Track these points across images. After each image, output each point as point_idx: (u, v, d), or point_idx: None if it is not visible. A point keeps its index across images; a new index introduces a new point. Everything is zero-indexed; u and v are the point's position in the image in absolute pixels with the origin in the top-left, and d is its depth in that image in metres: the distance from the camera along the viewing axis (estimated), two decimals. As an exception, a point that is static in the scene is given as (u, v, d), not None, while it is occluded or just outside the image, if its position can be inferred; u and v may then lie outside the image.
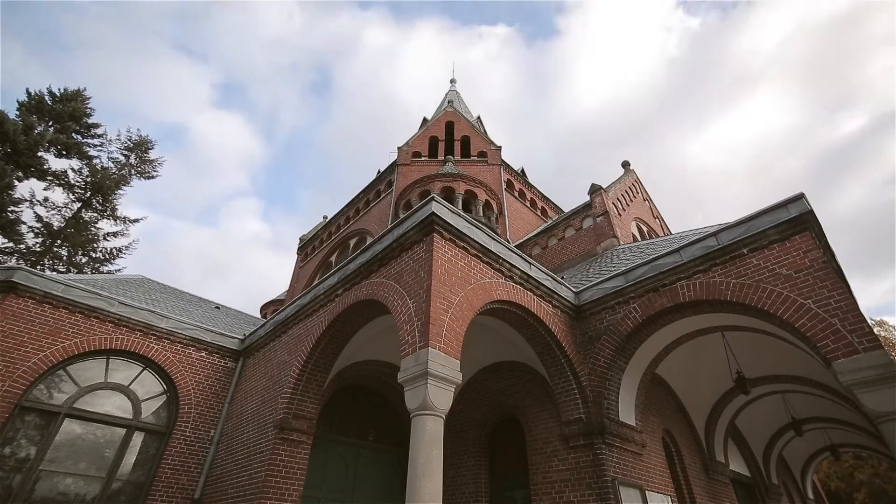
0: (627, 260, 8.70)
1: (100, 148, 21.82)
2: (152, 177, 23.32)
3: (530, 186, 22.54)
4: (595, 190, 14.24)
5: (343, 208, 24.27)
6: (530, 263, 6.95)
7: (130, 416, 7.73)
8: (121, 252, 21.49)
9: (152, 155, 23.49)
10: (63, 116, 20.27)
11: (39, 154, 18.95)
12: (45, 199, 19.73)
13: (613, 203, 14.44)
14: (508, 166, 21.53)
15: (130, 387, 7.97)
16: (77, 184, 20.60)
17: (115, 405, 7.68)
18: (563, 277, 9.87)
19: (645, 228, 17.05)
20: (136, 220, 22.22)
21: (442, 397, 4.66)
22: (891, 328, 24.93)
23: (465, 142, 22.67)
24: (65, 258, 19.76)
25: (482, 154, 21.49)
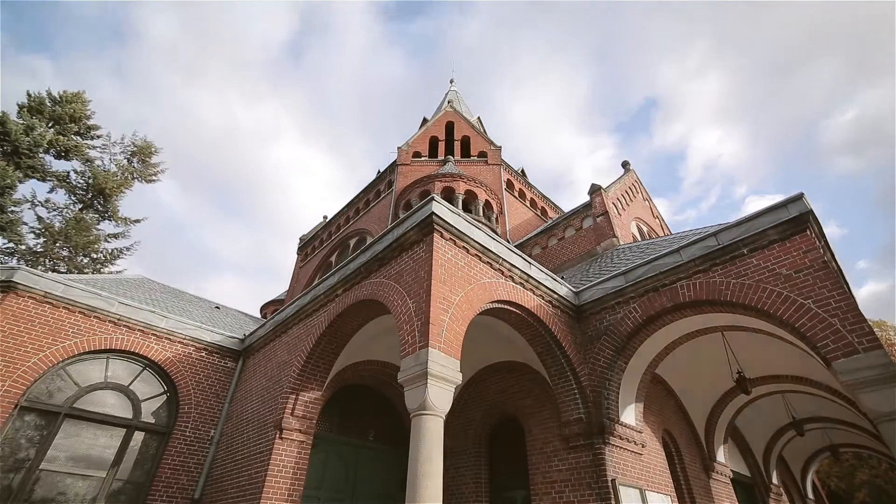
0: (627, 260, 8.70)
1: (101, 150, 21.83)
2: (154, 181, 23.32)
3: (530, 186, 22.54)
4: (595, 190, 14.23)
5: (343, 208, 24.27)
6: (530, 263, 6.95)
7: (130, 416, 7.74)
8: (121, 253, 21.51)
9: (154, 160, 23.49)
10: (63, 118, 20.27)
11: (40, 155, 18.97)
12: (47, 200, 19.75)
13: (613, 203, 14.43)
14: (508, 166, 21.53)
15: (130, 387, 7.97)
16: (79, 185, 20.62)
17: (115, 405, 7.69)
18: (563, 277, 9.87)
19: (645, 228, 17.05)
20: (136, 221, 22.24)
21: (442, 397, 4.67)
22: (888, 328, 24.91)
23: (466, 142, 22.67)
24: (66, 259, 19.76)
25: (482, 154, 21.49)
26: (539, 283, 6.90)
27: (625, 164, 17.84)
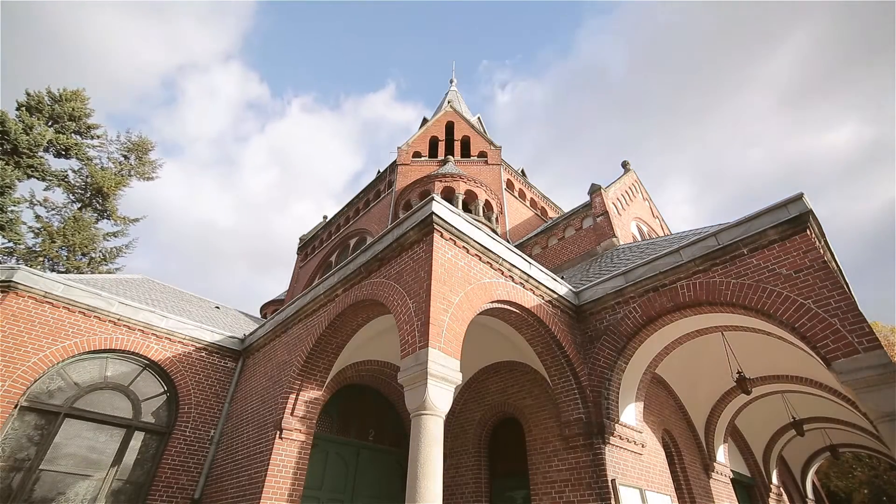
0: (627, 260, 8.71)
1: (99, 148, 21.82)
2: (151, 178, 23.28)
3: (530, 186, 22.54)
4: (595, 190, 14.23)
5: (343, 208, 24.27)
6: (530, 263, 6.95)
7: (130, 416, 7.73)
8: (120, 252, 21.50)
9: (151, 156, 23.45)
10: (62, 116, 20.24)
11: (39, 154, 18.95)
12: (45, 200, 19.73)
13: (613, 203, 14.43)
14: (509, 166, 21.54)
15: (130, 387, 7.97)
16: (77, 184, 20.59)
17: (115, 405, 7.68)
18: (563, 277, 9.87)
19: (645, 228, 17.05)
20: (135, 220, 22.22)
21: (442, 397, 4.66)
22: (883, 328, 24.92)
23: (465, 142, 22.67)
24: (64, 258, 19.75)
25: (482, 154, 21.49)
26: (539, 282, 6.90)
27: (624, 164, 17.82)
